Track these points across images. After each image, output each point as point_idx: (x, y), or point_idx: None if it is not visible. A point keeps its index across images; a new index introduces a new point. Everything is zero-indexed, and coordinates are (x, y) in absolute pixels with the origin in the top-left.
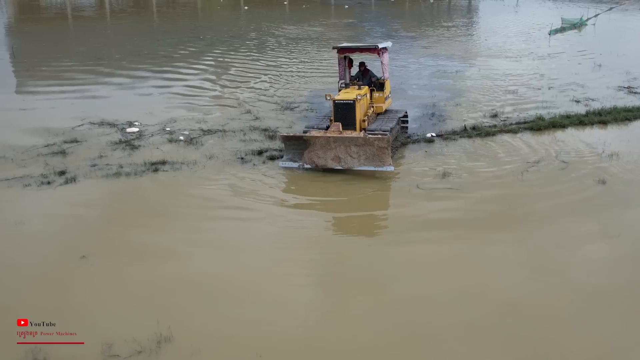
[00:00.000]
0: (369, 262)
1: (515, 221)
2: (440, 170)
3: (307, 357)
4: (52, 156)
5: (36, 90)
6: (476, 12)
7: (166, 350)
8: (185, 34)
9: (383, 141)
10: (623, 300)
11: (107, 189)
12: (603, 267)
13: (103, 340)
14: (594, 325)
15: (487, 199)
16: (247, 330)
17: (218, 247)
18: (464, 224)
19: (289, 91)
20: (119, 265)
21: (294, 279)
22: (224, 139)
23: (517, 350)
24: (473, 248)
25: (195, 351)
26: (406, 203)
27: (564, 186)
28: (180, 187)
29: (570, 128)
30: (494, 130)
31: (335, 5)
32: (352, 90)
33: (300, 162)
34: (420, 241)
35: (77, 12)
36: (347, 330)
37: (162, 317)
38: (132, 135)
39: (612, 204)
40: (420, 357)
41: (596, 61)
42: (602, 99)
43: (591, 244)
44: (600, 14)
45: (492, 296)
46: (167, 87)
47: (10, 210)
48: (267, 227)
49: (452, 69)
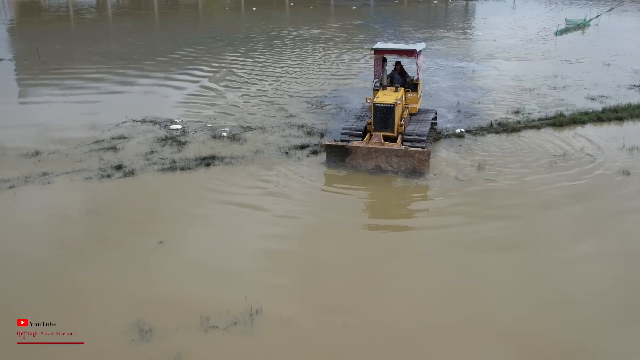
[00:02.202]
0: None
1: (545, 206)
2: (475, 163)
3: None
4: (104, 151)
5: (70, 89)
6: (473, 13)
7: (259, 321)
8: (200, 34)
9: (424, 154)
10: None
11: (166, 180)
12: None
13: (200, 314)
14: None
15: (520, 189)
16: (333, 301)
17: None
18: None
19: (313, 90)
20: (197, 250)
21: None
22: (264, 134)
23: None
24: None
25: (286, 321)
26: (446, 191)
27: (592, 176)
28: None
29: (589, 124)
30: (518, 126)
31: (342, 7)
32: (390, 93)
33: (342, 168)
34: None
35: (79, 14)
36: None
37: (249, 293)
38: (176, 132)
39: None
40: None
41: (605, 61)
42: (616, 97)
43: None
44: (602, 14)
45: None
46: (195, 86)
47: (87, 197)
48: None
49: (468, 69)
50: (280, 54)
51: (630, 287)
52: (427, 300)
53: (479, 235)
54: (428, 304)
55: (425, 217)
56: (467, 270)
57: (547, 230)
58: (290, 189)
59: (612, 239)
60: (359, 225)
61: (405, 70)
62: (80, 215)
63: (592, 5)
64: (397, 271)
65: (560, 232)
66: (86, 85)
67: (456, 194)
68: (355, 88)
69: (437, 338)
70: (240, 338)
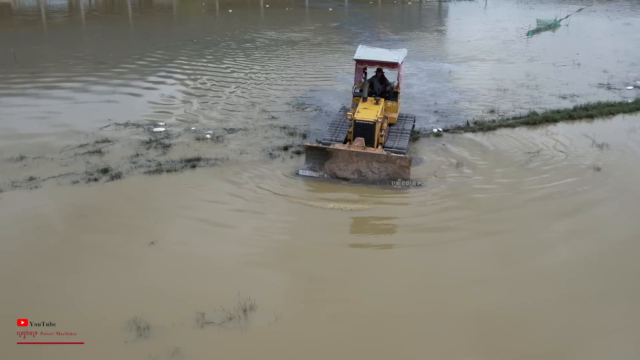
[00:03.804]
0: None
1: (523, 203)
2: (453, 161)
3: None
4: (89, 155)
5: (48, 93)
6: (447, 14)
7: (252, 316)
8: (176, 37)
9: (405, 160)
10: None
11: (154, 182)
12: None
13: (195, 310)
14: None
15: (498, 185)
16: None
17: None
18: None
19: (294, 92)
20: (189, 249)
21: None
22: (247, 136)
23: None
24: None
25: (278, 315)
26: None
27: (564, 172)
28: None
29: (561, 122)
30: (494, 125)
31: (318, 8)
32: (371, 106)
33: (320, 172)
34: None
35: (51, 18)
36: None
37: (242, 290)
38: (160, 135)
39: (609, 186)
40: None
41: (575, 60)
42: (586, 95)
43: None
44: (571, 15)
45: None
46: (174, 89)
47: (75, 201)
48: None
49: (444, 69)
50: (257, 57)
51: (602, 271)
52: (409, 291)
53: (457, 229)
54: (409, 294)
55: (408, 217)
56: (445, 261)
57: (523, 221)
58: (275, 188)
59: (584, 227)
60: (347, 218)
61: (385, 78)
62: (71, 218)
63: (562, 6)
64: (380, 266)
65: (535, 223)
66: (64, 89)
67: (436, 191)
68: (335, 90)
69: (421, 325)
70: (235, 332)
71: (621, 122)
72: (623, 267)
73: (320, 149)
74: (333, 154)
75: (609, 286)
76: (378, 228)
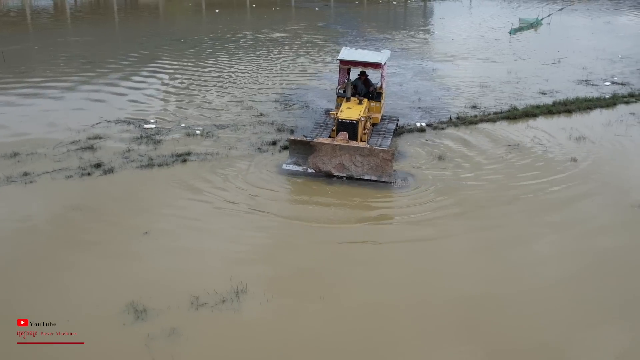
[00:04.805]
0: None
1: (502, 194)
2: (436, 153)
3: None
4: (82, 151)
5: (37, 93)
6: (432, 14)
7: (244, 299)
8: (163, 37)
9: (388, 153)
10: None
11: (145, 176)
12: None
13: (190, 294)
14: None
15: (478, 177)
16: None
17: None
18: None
19: (282, 90)
20: (182, 238)
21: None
22: (236, 132)
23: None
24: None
25: (269, 297)
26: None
27: (542, 163)
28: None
29: (541, 117)
30: (476, 119)
31: (304, 8)
32: (354, 106)
33: (304, 166)
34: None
35: (37, 18)
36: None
37: (234, 275)
38: (151, 131)
39: (585, 177)
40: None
41: (555, 58)
42: (565, 91)
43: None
44: (553, 14)
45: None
46: (163, 87)
47: (70, 195)
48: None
49: (428, 67)
50: (244, 56)
51: (580, 259)
52: (396, 277)
53: (440, 222)
54: (396, 280)
55: (392, 209)
56: (431, 255)
57: (504, 212)
58: (263, 180)
59: (563, 217)
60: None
61: (369, 80)
62: (66, 211)
63: (544, 5)
64: (365, 257)
65: (516, 215)
66: (53, 88)
67: (417, 184)
68: (321, 88)
69: (406, 310)
70: (229, 313)
71: (598, 116)
72: (600, 253)
73: (304, 143)
74: (317, 147)
75: (592, 276)
76: (364, 224)
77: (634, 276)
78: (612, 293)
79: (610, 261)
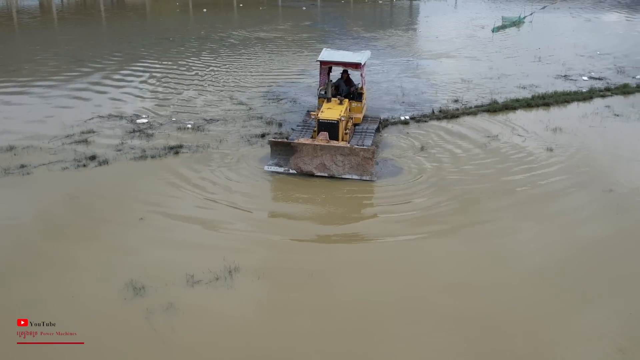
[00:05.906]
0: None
1: (481, 180)
2: (418, 145)
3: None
4: (77, 144)
5: (28, 91)
6: (417, 13)
7: (237, 277)
8: (151, 36)
9: (368, 152)
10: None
11: (139, 167)
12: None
13: (185, 272)
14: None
15: (457, 167)
16: (302, 256)
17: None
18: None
19: (270, 86)
20: (176, 223)
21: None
22: (227, 126)
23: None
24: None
25: (260, 274)
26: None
27: (521, 153)
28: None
29: (520, 110)
30: (457, 112)
31: (291, 7)
32: (335, 106)
33: (286, 167)
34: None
35: (22, 18)
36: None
37: (227, 255)
38: (143, 125)
39: (560, 164)
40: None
41: (535, 54)
42: (544, 86)
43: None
44: (535, 12)
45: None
46: (152, 84)
47: (68, 185)
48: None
49: (412, 64)
50: (231, 54)
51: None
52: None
53: (423, 216)
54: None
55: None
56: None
57: (485, 203)
58: (253, 170)
59: (545, 211)
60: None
61: (351, 79)
62: (64, 200)
63: (527, 4)
64: (351, 244)
65: (496, 201)
66: (42, 87)
67: (399, 179)
68: (307, 84)
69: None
70: (222, 289)
71: (575, 109)
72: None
73: (285, 144)
74: (298, 148)
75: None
76: (346, 218)
77: (612, 257)
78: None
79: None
